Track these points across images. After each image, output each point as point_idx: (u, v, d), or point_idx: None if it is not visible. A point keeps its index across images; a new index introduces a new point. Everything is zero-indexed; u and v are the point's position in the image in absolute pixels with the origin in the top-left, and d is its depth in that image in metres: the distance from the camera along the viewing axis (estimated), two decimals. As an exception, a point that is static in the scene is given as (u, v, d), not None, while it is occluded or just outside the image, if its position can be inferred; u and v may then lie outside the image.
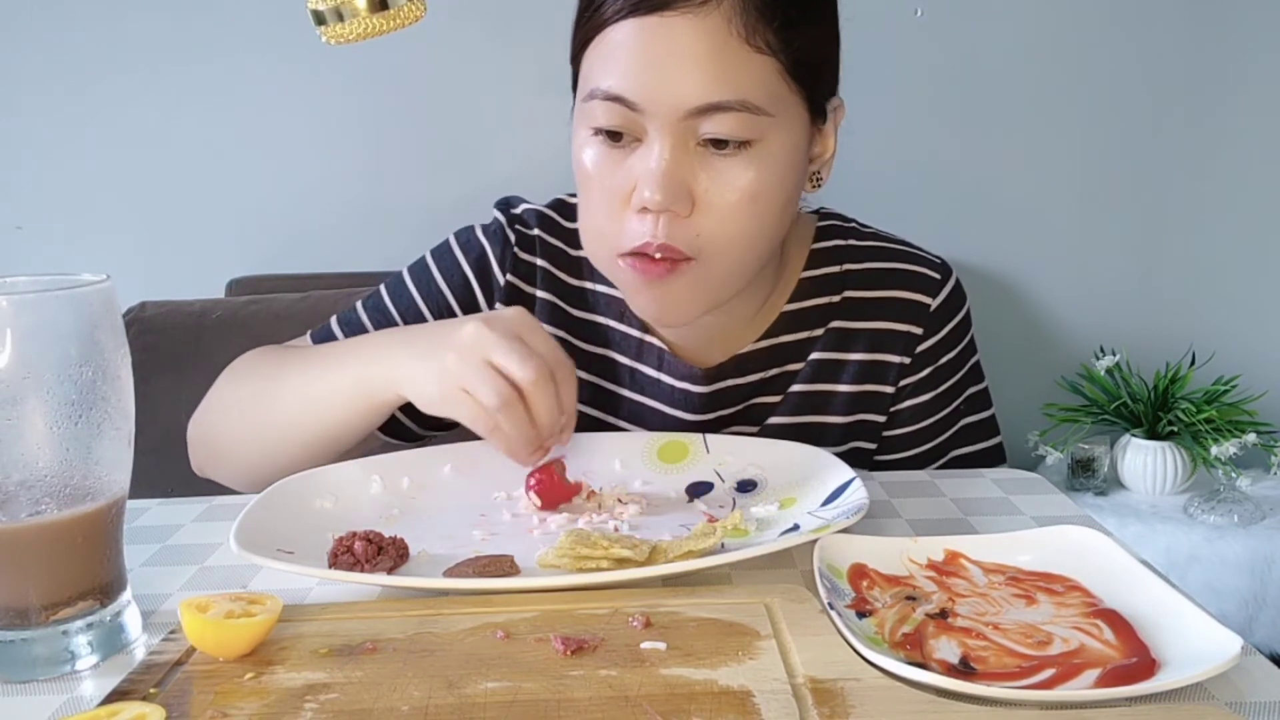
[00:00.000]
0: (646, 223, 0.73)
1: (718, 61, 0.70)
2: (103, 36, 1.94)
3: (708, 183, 0.73)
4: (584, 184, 0.78)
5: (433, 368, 0.72)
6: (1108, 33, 2.00)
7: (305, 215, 2.02)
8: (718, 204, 0.73)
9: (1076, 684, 0.48)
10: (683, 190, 0.72)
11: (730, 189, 0.73)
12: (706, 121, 0.71)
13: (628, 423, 0.91)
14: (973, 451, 0.93)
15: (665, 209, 0.72)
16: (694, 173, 0.73)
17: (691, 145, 0.73)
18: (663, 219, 0.73)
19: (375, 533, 0.64)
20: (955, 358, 0.91)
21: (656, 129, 0.72)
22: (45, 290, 0.53)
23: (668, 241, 0.73)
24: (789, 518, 0.68)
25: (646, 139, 0.73)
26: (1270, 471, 1.86)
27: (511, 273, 0.91)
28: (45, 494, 0.53)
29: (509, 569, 0.61)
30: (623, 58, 0.72)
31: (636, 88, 0.71)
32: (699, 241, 0.74)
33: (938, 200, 2.03)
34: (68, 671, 0.53)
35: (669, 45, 0.70)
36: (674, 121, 0.71)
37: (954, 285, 0.91)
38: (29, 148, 1.98)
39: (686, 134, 0.72)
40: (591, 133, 0.75)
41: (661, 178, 0.71)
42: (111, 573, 0.56)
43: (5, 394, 0.51)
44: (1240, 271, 2.09)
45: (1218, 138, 2.04)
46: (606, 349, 0.91)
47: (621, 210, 0.75)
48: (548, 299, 0.91)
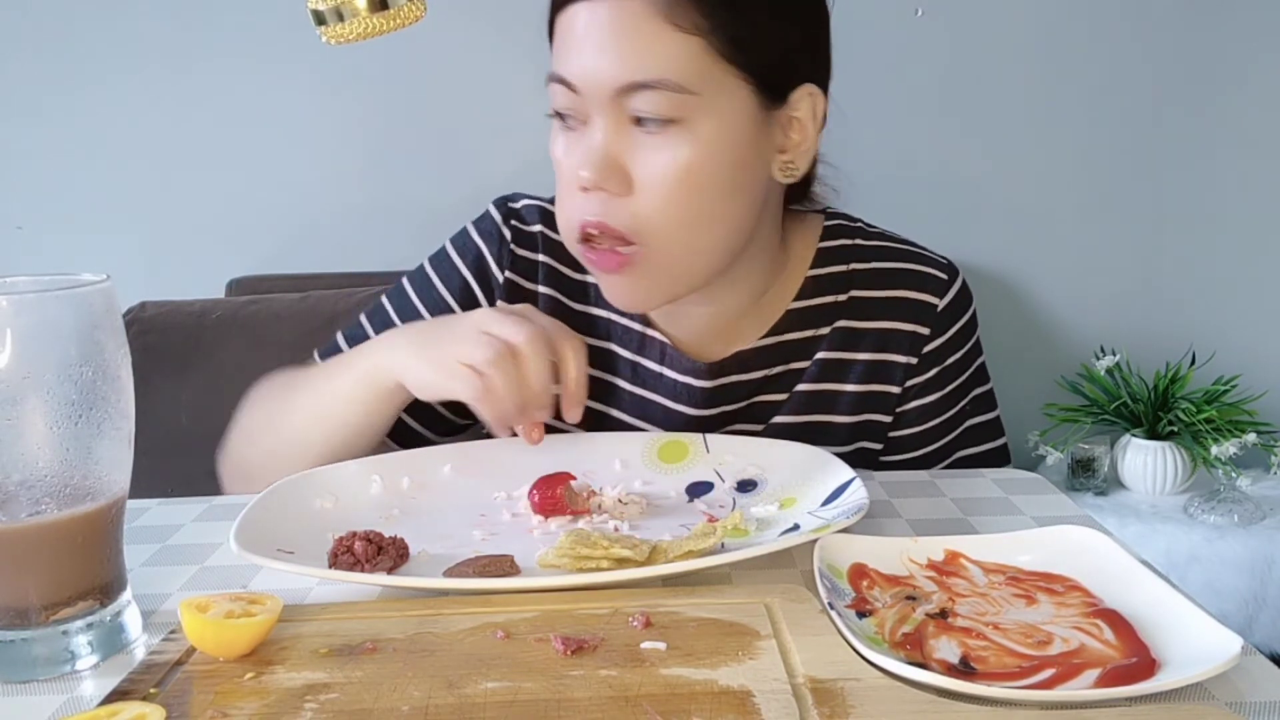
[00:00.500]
0: (588, 201, 0.76)
1: (636, 40, 0.73)
2: (103, 37, 1.94)
3: (639, 162, 0.75)
4: (555, 164, 0.80)
5: (430, 353, 0.75)
6: (1108, 32, 2.00)
7: (305, 215, 2.02)
8: (650, 184, 0.75)
9: (1076, 684, 0.48)
10: (615, 168, 0.75)
11: (660, 168, 0.74)
12: (633, 100, 0.74)
13: (629, 416, 0.91)
14: (978, 453, 0.93)
15: (598, 186, 0.75)
16: (630, 153, 0.75)
17: (626, 126, 0.75)
18: (597, 197, 0.75)
19: (375, 533, 0.64)
20: (962, 358, 0.91)
21: (594, 109, 0.75)
22: (45, 290, 0.53)
23: (603, 219, 0.75)
24: (789, 518, 0.68)
25: (589, 120, 0.76)
26: (1270, 471, 1.86)
27: (510, 269, 0.91)
28: (45, 494, 0.53)
29: (509, 569, 0.61)
30: (563, 41, 0.76)
31: (573, 69, 0.75)
32: (636, 223, 0.75)
33: (938, 200, 2.03)
34: (68, 671, 0.53)
35: (595, 27, 0.74)
36: (605, 101, 0.74)
37: (961, 286, 0.91)
38: (29, 148, 1.98)
39: (620, 114, 0.75)
40: (553, 113, 0.79)
41: (590, 153, 0.75)
42: (111, 573, 0.56)
43: (5, 394, 0.51)
44: (1240, 271, 2.09)
45: (1218, 137, 2.04)
46: (608, 342, 0.91)
47: (574, 189, 0.77)
48: (550, 294, 0.91)
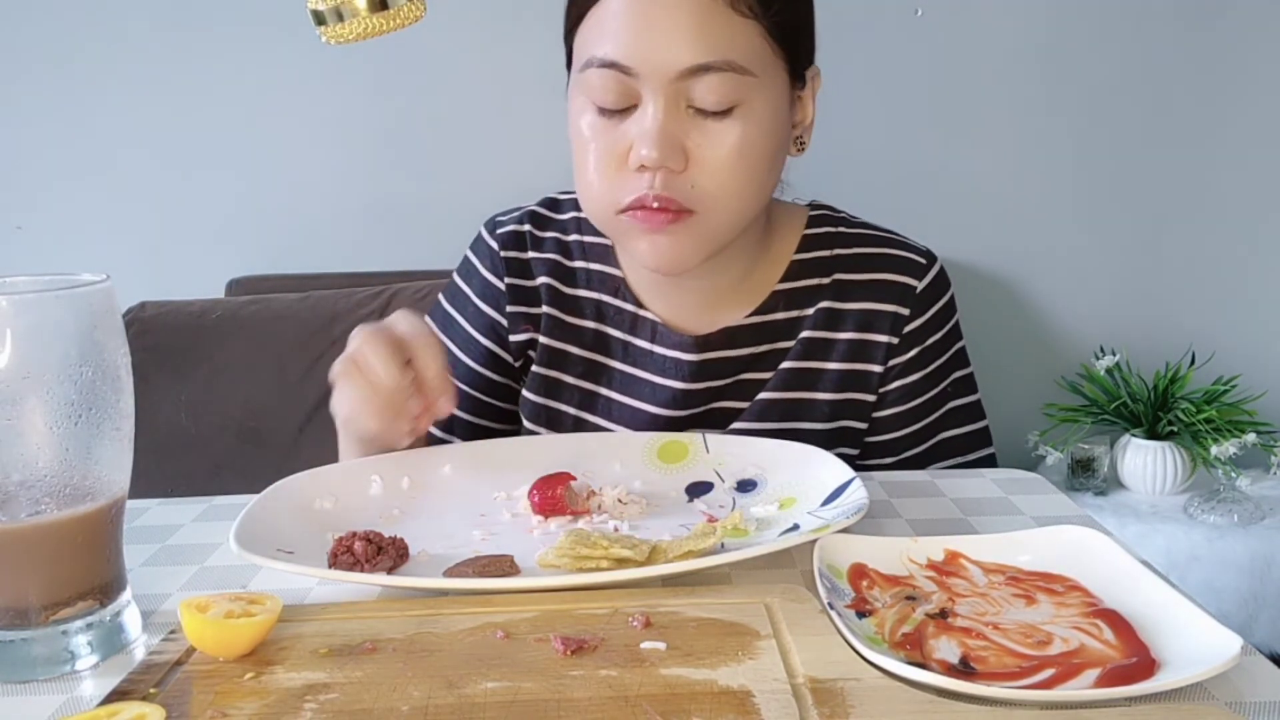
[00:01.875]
0: (644, 179, 0.79)
1: (705, 25, 0.76)
2: (103, 36, 1.94)
3: (699, 139, 0.79)
4: (581, 148, 0.82)
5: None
6: (1107, 32, 2.00)
7: (305, 215, 2.02)
8: (709, 159, 0.79)
9: (1076, 684, 0.48)
10: (676, 147, 0.78)
11: (720, 146, 0.79)
12: (697, 83, 0.77)
13: (619, 394, 0.94)
14: (961, 434, 0.95)
15: (661, 165, 0.78)
16: (686, 132, 0.79)
17: (683, 107, 0.78)
18: (660, 175, 0.78)
19: (375, 533, 0.64)
20: (941, 339, 0.94)
21: (650, 91, 0.77)
22: (45, 290, 0.53)
23: (664, 193, 0.79)
24: (789, 518, 0.68)
25: (641, 103, 0.78)
26: (1270, 471, 1.86)
27: (508, 275, 0.97)
28: (45, 494, 0.53)
29: (509, 569, 0.61)
30: (616, 26, 0.78)
31: (631, 53, 0.77)
32: (694, 193, 0.79)
33: (937, 199, 2.03)
34: (68, 671, 0.53)
35: (659, 12, 0.76)
36: (666, 83, 0.77)
37: (939, 271, 0.94)
38: (29, 148, 1.98)
39: (678, 96, 0.78)
40: (589, 102, 0.80)
41: (657, 135, 0.77)
42: (111, 573, 0.56)
43: (5, 394, 0.51)
44: (1240, 271, 2.09)
45: (1218, 137, 2.04)
46: (600, 323, 0.95)
47: (619, 170, 0.80)
48: (548, 283, 0.96)
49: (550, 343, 0.95)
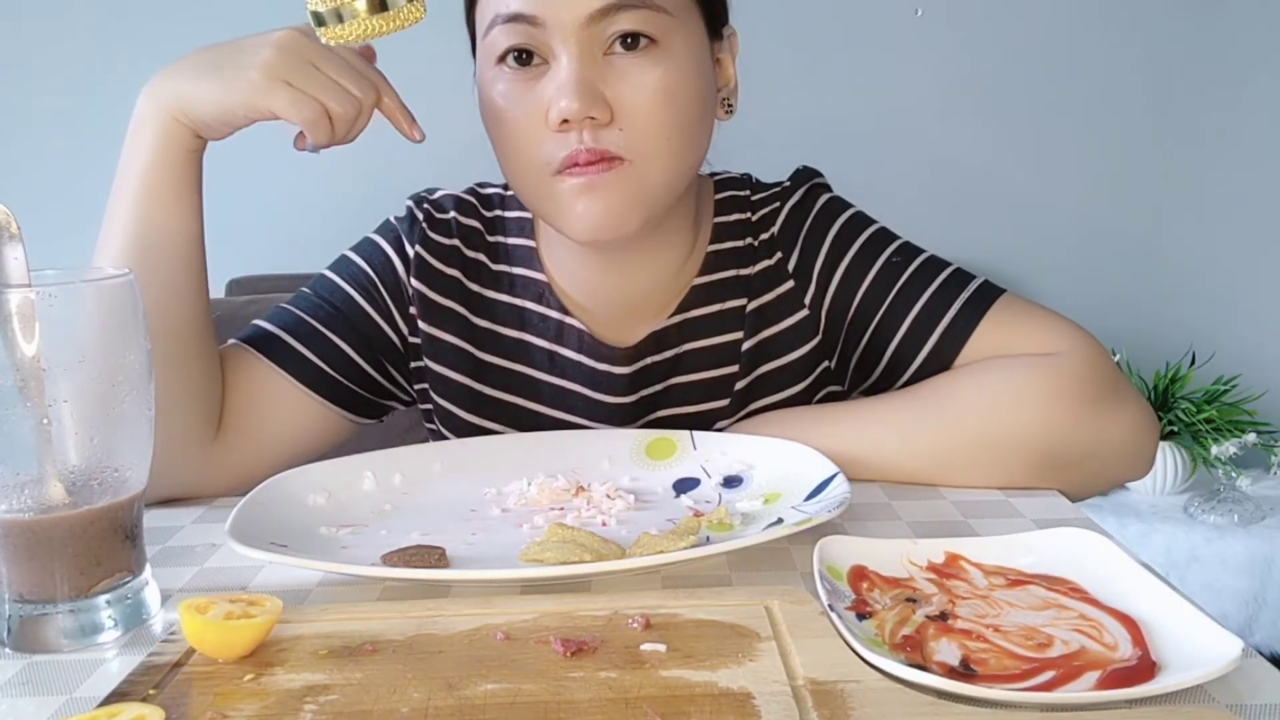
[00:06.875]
0: (570, 136, 0.75)
1: None
2: (104, 36, 1.94)
3: (620, 86, 0.75)
4: (498, 119, 0.78)
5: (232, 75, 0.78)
6: (1108, 32, 2.00)
7: (305, 215, 2.02)
8: (634, 104, 0.75)
9: (1077, 686, 0.48)
10: (597, 96, 0.74)
11: (644, 88, 0.75)
12: (610, 24, 0.73)
13: (550, 409, 0.89)
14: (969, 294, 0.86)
15: (584, 116, 0.73)
16: (606, 80, 0.74)
17: (598, 54, 0.75)
18: (586, 129, 0.74)
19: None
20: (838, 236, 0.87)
21: (561, 42, 0.74)
22: (70, 283, 0.55)
23: (594, 146, 0.74)
24: (773, 512, 0.69)
25: (553, 57, 0.75)
26: (1270, 471, 1.86)
27: (421, 245, 0.92)
28: (71, 484, 0.54)
29: (438, 561, 0.62)
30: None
31: (535, 2, 0.73)
32: (625, 141, 0.75)
33: (937, 199, 2.03)
34: (93, 643, 0.56)
35: None
36: (577, 30, 0.73)
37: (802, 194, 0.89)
38: (29, 148, 1.98)
39: (592, 43, 0.74)
40: (497, 63, 0.77)
41: (576, 85, 0.73)
42: (134, 557, 0.58)
43: (32, 385, 0.52)
44: (1240, 271, 2.09)
45: (1218, 137, 2.04)
46: (523, 332, 0.89)
47: (541, 132, 0.76)
48: (456, 276, 0.91)
49: (466, 347, 0.89)
